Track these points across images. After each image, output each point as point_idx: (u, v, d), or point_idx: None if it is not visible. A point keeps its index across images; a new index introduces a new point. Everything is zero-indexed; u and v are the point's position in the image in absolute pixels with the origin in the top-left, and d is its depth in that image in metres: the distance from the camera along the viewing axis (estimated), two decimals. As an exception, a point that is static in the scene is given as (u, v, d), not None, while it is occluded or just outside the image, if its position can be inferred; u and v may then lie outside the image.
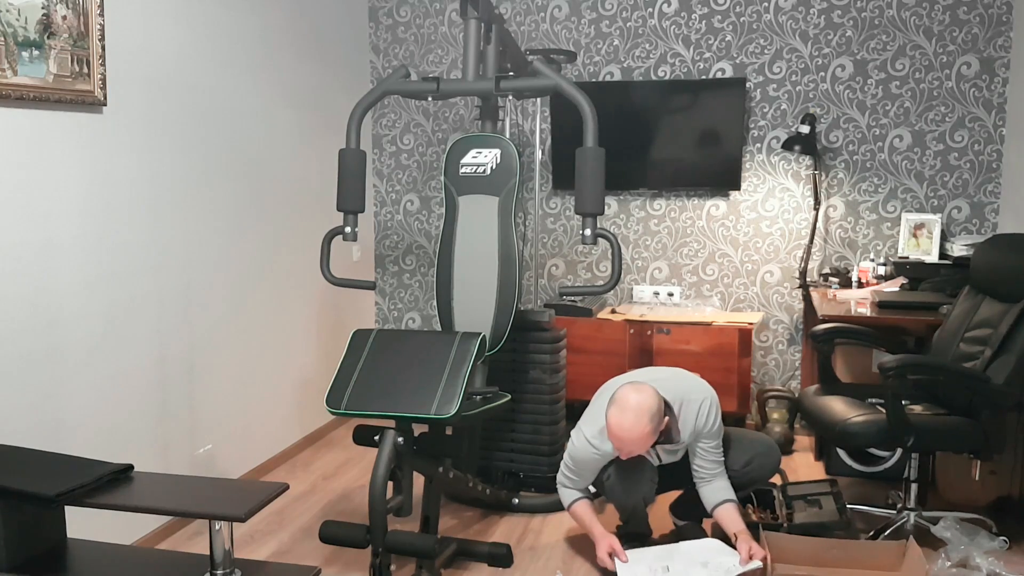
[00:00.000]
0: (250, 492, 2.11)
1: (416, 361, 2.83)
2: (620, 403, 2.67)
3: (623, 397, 2.68)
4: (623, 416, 2.64)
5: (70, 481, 2.05)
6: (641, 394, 2.67)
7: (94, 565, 2.14)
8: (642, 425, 2.63)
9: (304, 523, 3.40)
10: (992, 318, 3.07)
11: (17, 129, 2.56)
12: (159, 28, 3.14)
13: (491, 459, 3.59)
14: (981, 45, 4.12)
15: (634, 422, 2.63)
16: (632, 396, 2.67)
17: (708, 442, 2.88)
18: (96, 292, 2.89)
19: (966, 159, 4.20)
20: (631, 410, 2.64)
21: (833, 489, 3.29)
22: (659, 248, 4.59)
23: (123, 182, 2.99)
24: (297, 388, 4.21)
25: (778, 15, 4.32)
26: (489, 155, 3.25)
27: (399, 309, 5.02)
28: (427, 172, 4.89)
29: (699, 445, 2.89)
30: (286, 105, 4.03)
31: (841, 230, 4.37)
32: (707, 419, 2.85)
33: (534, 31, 4.63)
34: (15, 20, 2.49)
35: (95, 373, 2.90)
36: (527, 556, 3.11)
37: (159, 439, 3.22)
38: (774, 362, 4.51)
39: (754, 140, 4.41)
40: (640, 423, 2.63)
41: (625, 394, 2.68)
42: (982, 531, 3.00)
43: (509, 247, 3.23)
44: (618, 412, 2.66)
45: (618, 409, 2.66)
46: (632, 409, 2.64)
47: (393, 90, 3.28)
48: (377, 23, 4.85)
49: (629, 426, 2.63)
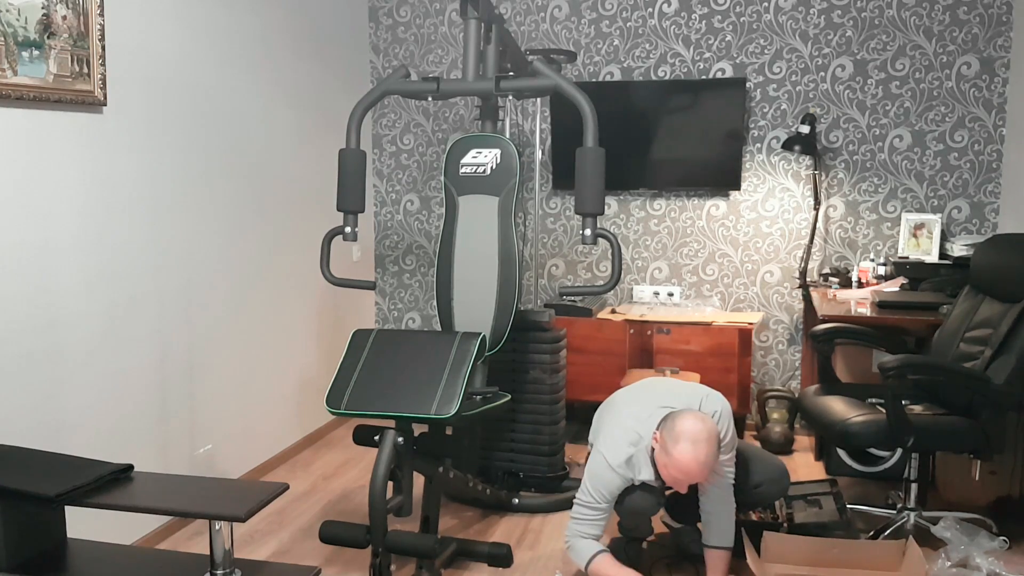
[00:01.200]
0: (250, 492, 2.11)
1: (416, 361, 2.83)
2: (692, 436, 2.52)
3: (694, 430, 2.53)
4: (699, 449, 2.51)
5: (70, 481, 2.05)
6: (705, 423, 2.55)
7: (94, 565, 2.14)
8: (715, 452, 2.55)
9: (304, 523, 3.40)
10: (992, 318, 3.07)
11: (17, 129, 2.56)
12: (159, 28, 3.14)
13: (491, 459, 3.59)
14: (981, 45, 4.12)
15: (709, 452, 2.52)
16: (700, 427, 2.54)
17: (723, 456, 2.71)
18: (96, 292, 2.89)
19: (966, 159, 4.20)
20: (704, 442, 2.52)
21: (833, 489, 3.29)
22: (659, 248, 4.59)
23: (123, 182, 2.99)
24: (297, 388, 4.21)
25: (778, 15, 4.32)
26: (489, 155, 3.25)
27: (399, 309, 5.02)
28: (427, 172, 4.89)
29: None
30: (286, 105, 4.03)
31: (841, 230, 4.37)
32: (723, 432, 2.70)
33: (534, 31, 4.63)
34: (15, 20, 2.49)
35: (95, 373, 2.89)
36: (527, 556, 3.11)
37: (159, 439, 3.22)
38: (774, 362, 4.51)
39: (754, 140, 4.41)
40: (714, 452, 2.54)
41: (692, 427, 2.54)
42: (982, 531, 2.99)
43: (509, 247, 3.23)
44: (692, 447, 2.51)
45: (692, 444, 2.51)
46: (705, 440, 2.52)
47: (393, 90, 3.27)
48: (377, 23, 4.85)
49: (705, 458, 2.52)
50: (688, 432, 2.53)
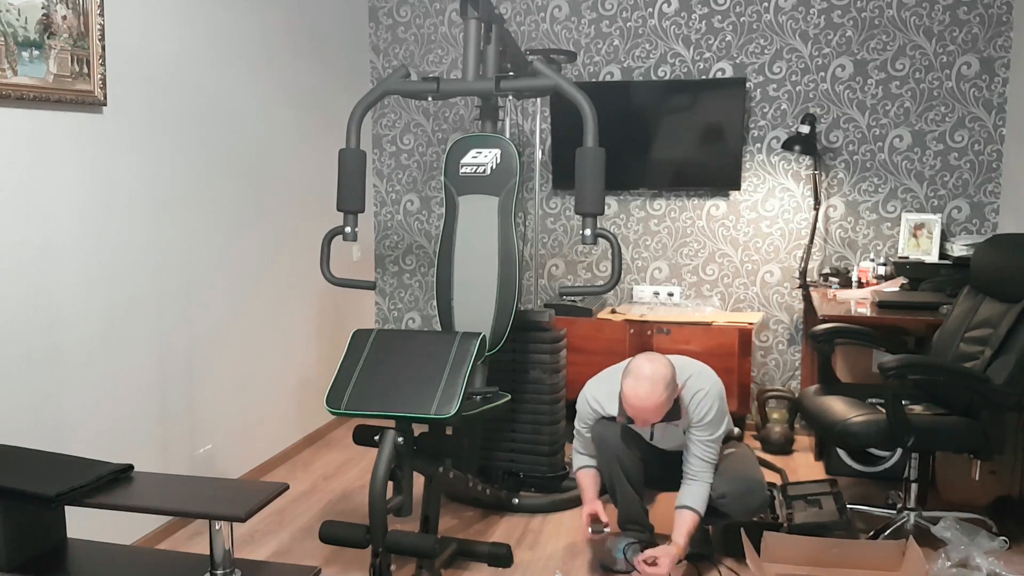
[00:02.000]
0: (250, 492, 2.11)
1: (416, 361, 2.83)
2: (635, 372, 2.72)
3: (637, 367, 2.73)
4: (639, 384, 2.69)
5: (70, 481, 2.05)
6: (655, 363, 2.72)
7: (94, 565, 2.14)
8: (657, 393, 2.67)
9: (304, 523, 3.40)
10: (992, 318, 3.07)
11: (17, 129, 2.56)
12: (159, 28, 3.14)
13: (491, 459, 3.59)
14: (981, 45, 4.12)
15: (649, 390, 2.67)
16: (646, 365, 2.72)
17: (700, 433, 2.84)
18: (96, 292, 2.89)
19: (966, 159, 4.20)
20: (646, 378, 2.68)
21: (833, 489, 3.29)
22: (659, 248, 4.59)
23: (123, 182, 2.99)
24: (297, 388, 4.21)
25: (778, 15, 4.32)
26: (489, 155, 3.25)
27: (399, 309, 5.02)
28: (427, 172, 4.89)
29: (691, 433, 2.86)
30: (286, 105, 4.03)
31: (841, 230, 4.37)
32: (701, 406, 2.83)
33: (534, 31, 4.63)
34: (15, 20, 2.49)
35: (95, 373, 2.89)
36: (527, 556, 3.11)
37: (159, 439, 3.22)
38: (774, 362, 4.51)
39: (754, 140, 4.41)
40: (656, 391, 2.67)
41: (639, 364, 2.73)
42: (982, 531, 2.99)
43: (509, 247, 3.23)
44: (633, 381, 2.70)
45: (633, 379, 2.71)
46: (647, 378, 2.68)
47: (393, 90, 3.28)
48: (377, 23, 4.85)
49: (645, 394, 2.67)
50: (634, 369, 2.73)
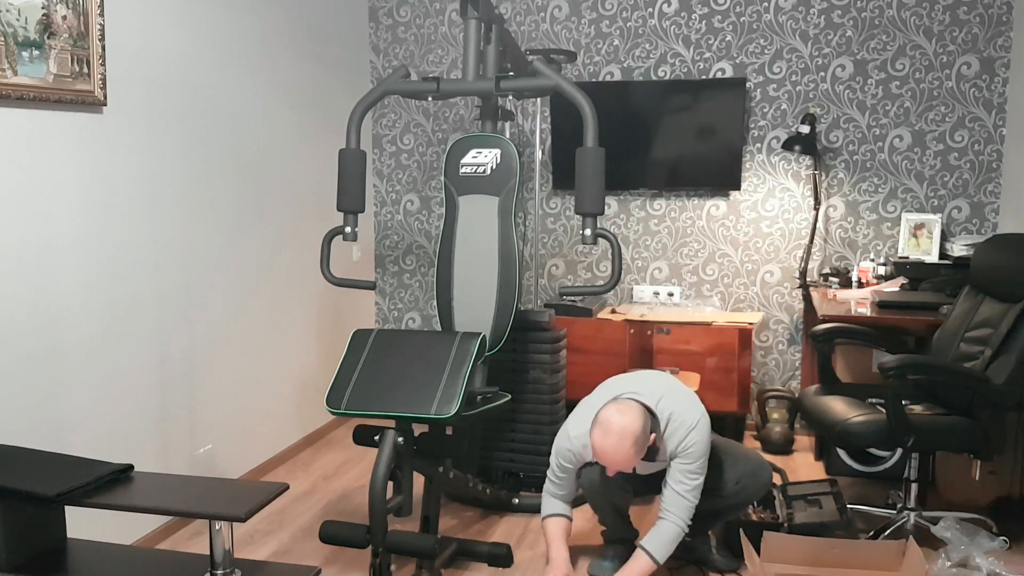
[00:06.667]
0: (250, 492, 2.11)
1: (416, 361, 2.83)
2: (603, 425, 2.61)
3: (606, 419, 2.62)
4: (606, 439, 2.59)
5: (70, 481, 2.05)
6: (625, 416, 2.60)
7: (94, 565, 2.14)
8: (624, 449, 2.58)
9: (304, 523, 3.40)
10: (992, 318, 3.07)
11: (17, 129, 2.56)
12: (159, 28, 3.14)
13: (491, 459, 3.59)
14: (981, 45, 4.12)
15: (616, 445, 2.58)
16: (615, 419, 2.60)
17: (683, 462, 2.72)
18: (96, 292, 2.89)
19: (966, 159, 4.20)
20: (614, 434, 2.58)
21: (833, 489, 3.29)
22: (659, 248, 4.59)
23: (123, 182, 2.99)
24: (297, 388, 4.21)
25: (778, 15, 4.32)
26: (489, 155, 3.25)
27: (399, 309, 5.02)
28: (427, 172, 4.89)
29: (673, 463, 2.75)
30: (286, 105, 4.03)
31: (841, 230, 4.37)
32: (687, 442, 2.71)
33: (534, 31, 4.63)
34: (15, 20, 2.49)
35: (95, 373, 2.89)
36: (527, 556, 3.11)
37: (159, 439, 3.22)
38: (774, 362, 4.51)
39: (754, 140, 4.41)
40: (623, 447, 2.58)
41: (608, 416, 2.62)
42: (982, 531, 2.99)
43: (509, 247, 3.23)
44: (601, 434, 2.61)
45: (601, 432, 2.61)
46: (615, 433, 2.58)
47: (393, 90, 3.28)
48: (377, 23, 4.85)
49: (612, 449, 2.59)
50: (602, 420, 2.63)
